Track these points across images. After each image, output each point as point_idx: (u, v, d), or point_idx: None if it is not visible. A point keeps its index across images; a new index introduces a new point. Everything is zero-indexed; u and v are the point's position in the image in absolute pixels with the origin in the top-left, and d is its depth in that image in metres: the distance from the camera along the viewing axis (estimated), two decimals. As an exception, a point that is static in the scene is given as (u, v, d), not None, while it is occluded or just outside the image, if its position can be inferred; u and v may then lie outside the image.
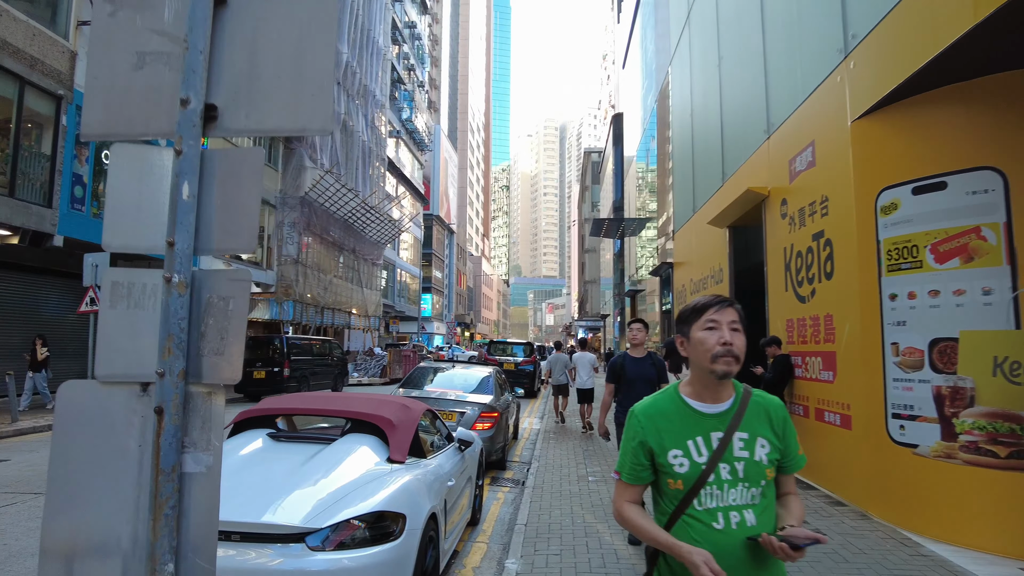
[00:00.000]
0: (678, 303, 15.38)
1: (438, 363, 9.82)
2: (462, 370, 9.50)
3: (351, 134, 29.32)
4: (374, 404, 4.38)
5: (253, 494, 3.17)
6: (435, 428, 5.12)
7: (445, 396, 8.36)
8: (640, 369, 5.78)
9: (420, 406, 4.75)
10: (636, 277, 25.00)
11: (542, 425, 12.93)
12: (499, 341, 22.40)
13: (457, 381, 9.12)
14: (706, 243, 12.52)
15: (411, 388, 8.84)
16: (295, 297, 23.68)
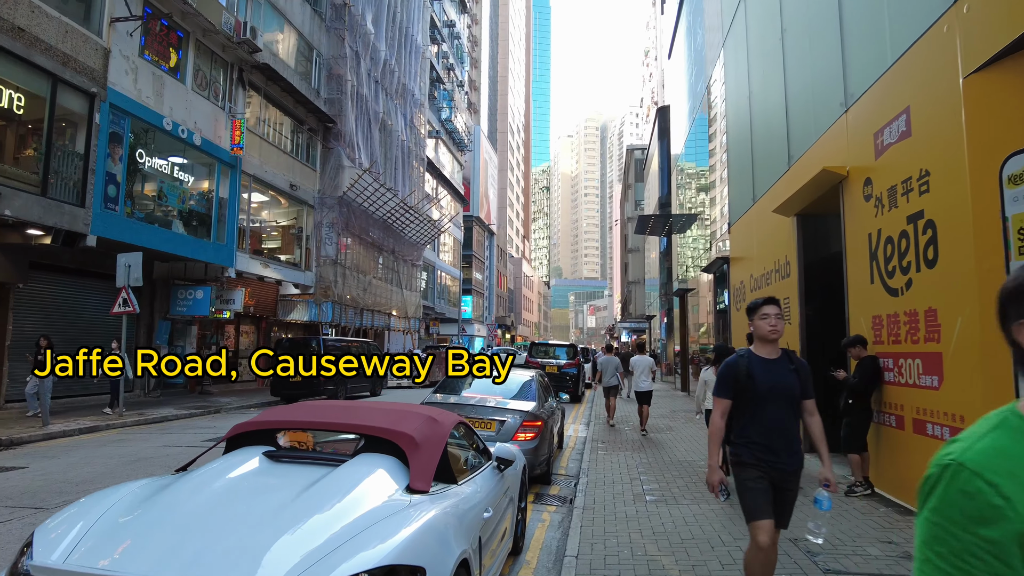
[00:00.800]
0: (735, 301, 14.29)
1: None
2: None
3: (390, 133, 28.93)
4: (395, 417, 3.61)
5: (224, 544, 2.42)
6: (470, 443, 4.33)
7: (484, 403, 7.57)
8: (776, 377, 3.63)
9: (451, 418, 3.96)
10: (685, 276, 23.83)
11: (589, 432, 12.05)
12: (541, 343, 21.57)
13: (496, 386, 8.32)
14: (768, 235, 11.45)
15: (447, 393, 8.09)
16: (334, 298, 23.31)
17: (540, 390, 8.35)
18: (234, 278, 18.88)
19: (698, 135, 20.09)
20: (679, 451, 9.81)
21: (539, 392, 8.19)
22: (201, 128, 17.12)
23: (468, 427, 4.32)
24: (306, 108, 22.80)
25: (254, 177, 19.84)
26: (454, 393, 8.12)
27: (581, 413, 16.38)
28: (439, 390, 8.23)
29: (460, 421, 4.12)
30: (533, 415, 7.41)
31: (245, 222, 19.83)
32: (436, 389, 8.28)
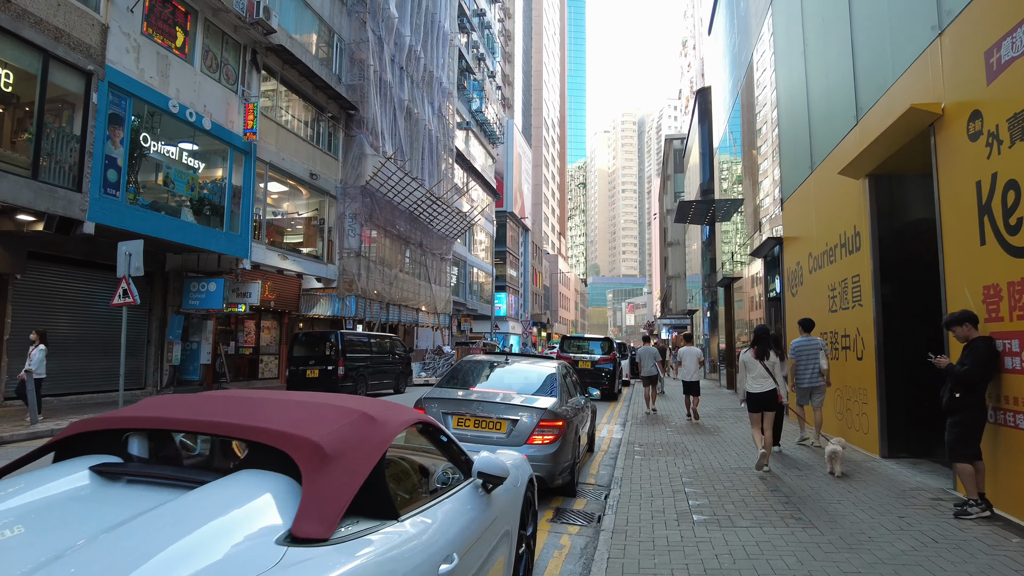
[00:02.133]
0: (790, 285, 12.69)
1: (492, 356, 7.76)
2: (521, 365, 7.39)
3: (416, 122, 27.90)
4: (305, 414, 2.35)
5: None
6: (440, 454, 3.05)
7: (490, 399, 6.29)
8: None
9: (402, 416, 2.67)
10: (731, 265, 22.13)
11: (625, 433, 10.65)
12: (574, 337, 20.15)
13: (511, 379, 7.04)
14: (831, 205, 9.87)
15: (452, 387, 6.84)
16: (357, 292, 22.34)
17: (564, 385, 7.02)
18: (249, 270, 18.02)
19: (745, 108, 18.41)
20: (729, 455, 8.36)
21: (562, 387, 6.87)
22: (212, 112, 16.27)
23: (435, 428, 3.02)
24: (326, 94, 21.89)
25: (270, 165, 18.96)
26: (461, 387, 6.85)
27: (617, 412, 14.96)
28: (444, 383, 6.98)
29: (419, 420, 2.82)
30: (553, 413, 6.10)
31: (261, 212, 18.97)
32: (440, 381, 7.03)
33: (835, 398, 9.71)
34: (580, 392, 8.65)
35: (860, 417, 8.56)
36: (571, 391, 7.63)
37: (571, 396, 7.51)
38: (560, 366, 7.35)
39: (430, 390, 6.71)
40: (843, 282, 9.24)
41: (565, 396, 6.80)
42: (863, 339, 8.45)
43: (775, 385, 7.17)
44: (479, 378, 7.14)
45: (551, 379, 6.87)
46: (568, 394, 7.18)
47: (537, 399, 6.38)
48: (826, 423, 10.03)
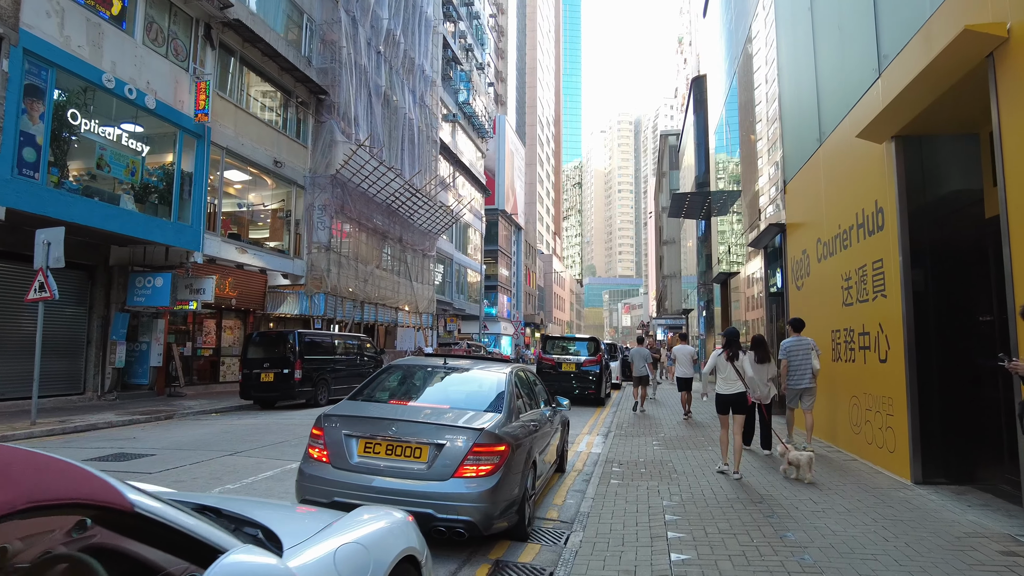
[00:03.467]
0: (794, 278, 11.21)
1: (428, 359, 6.22)
2: (463, 371, 5.87)
3: (395, 110, 26.39)
4: None
5: None
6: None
7: (411, 416, 4.80)
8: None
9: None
10: (729, 259, 20.66)
11: (606, 447, 9.15)
12: (557, 337, 18.61)
13: (448, 389, 5.56)
14: (846, 180, 8.40)
15: (368, 399, 5.34)
16: (327, 289, 20.81)
17: (515, 396, 5.50)
18: (202, 264, 16.50)
19: (742, 88, 16.93)
20: (725, 480, 6.85)
21: (512, 399, 5.35)
22: (156, 90, 14.74)
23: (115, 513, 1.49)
24: (293, 77, 20.37)
25: (227, 150, 17.43)
26: (380, 399, 5.35)
27: (602, 420, 13.46)
28: (360, 393, 5.46)
29: (31, 504, 1.29)
30: (493, 436, 4.61)
31: (217, 201, 17.43)
32: (356, 391, 5.50)
33: (849, 408, 8.23)
34: (547, 401, 7.16)
35: (884, 432, 7.08)
36: (530, 402, 6.14)
37: (530, 408, 6.02)
38: (514, 372, 5.84)
39: (339, 403, 5.20)
40: (861, 270, 7.76)
41: (515, 411, 5.29)
42: (887, 337, 6.97)
43: (745, 388, 7.14)
44: (407, 388, 5.63)
45: (498, 389, 5.36)
46: (523, 407, 5.69)
47: (475, 416, 4.88)
48: (839, 436, 8.56)
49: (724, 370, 7.21)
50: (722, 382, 7.25)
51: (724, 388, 7.23)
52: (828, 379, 9.20)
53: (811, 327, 10.02)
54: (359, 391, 5.46)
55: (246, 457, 8.28)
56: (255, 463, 7.81)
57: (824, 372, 9.32)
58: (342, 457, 4.65)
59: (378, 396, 5.41)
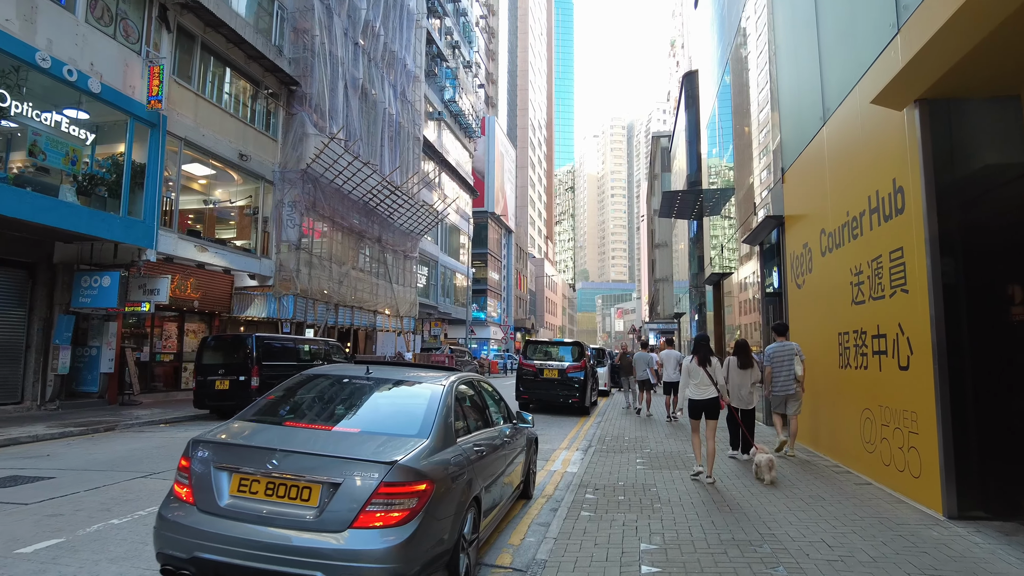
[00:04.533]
0: (794, 275, 10.12)
1: (349, 368, 4.99)
2: (390, 384, 4.67)
3: (374, 105, 25.24)
4: None
5: None
6: None
7: (302, 445, 3.66)
8: None
9: None
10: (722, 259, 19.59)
11: (583, 466, 8.02)
12: (539, 341, 17.45)
13: (364, 407, 4.42)
14: (857, 158, 7.31)
15: (258, 419, 4.17)
16: (295, 291, 19.60)
17: (452, 414, 4.34)
18: (156, 263, 15.29)
19: (735, 76, 15.89)
20: (720, 515, 5.72)
21: (445, 420, 4.19)
22: (102, 73, 13.57)
23: None
24: (262, 66, 19.21)
25: (186, 141, 16.24)
26: (275, 419, 4.19)
27: (584, 432, 12.32)
28: (250, 413, 4.29)
29: None
30: (409, 471, 3.47)
31: (174, 195, 16.24)
32: (245, 411, 4.31)
33: (861, 422, 7.12)
34: (508, 418, 6.03)
35: (906, 453, 5.97)
36: (478, 421, 5.01)
37: (479, 428, 4.89)
38: (454, 384, 4.67)
39: (221, 424, 4.05)
40: (875, 261, 6.67)
41: (450, 434, 4.15)
42: (909, 339, 5.88)
43: (717, 393, 7.13)
44: (315, 404, 4.47)
45: (428, 407, 4.20)
46: (467, 428, 4.55)
47: (390, 443, 3.74)
48: (848, 454, 7.47)
49: (696, 375, 7.20)
50: (694, 387, 7.22)
51: (696, 393, 7.20)
52: (834, 388, 8.11)
53: (814, 330, 8.93)
54: (251, 408, 4.30)
55: (160, 480, 7.10)
56: (164, 488, 6.63)
57: (830, 380, 8.23)
58: (209, 497, 3.50)
59: (274, 415, 4.24)
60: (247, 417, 4.17)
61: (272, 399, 4.43)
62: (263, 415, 4.22)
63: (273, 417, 4.20)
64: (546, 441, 10.85)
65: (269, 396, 4.46)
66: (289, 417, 4.21)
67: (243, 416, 4.19)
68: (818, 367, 8.81)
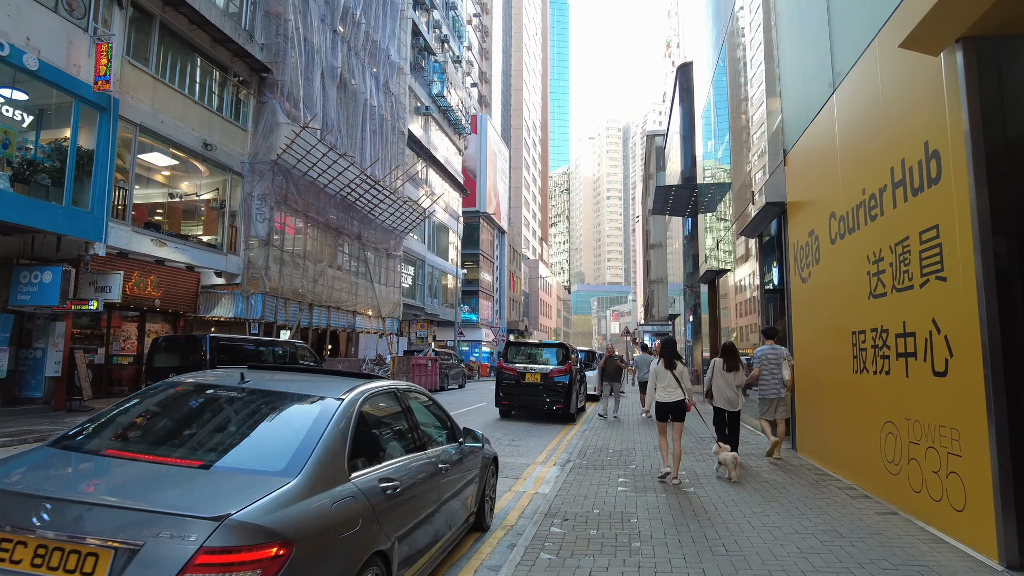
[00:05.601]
0: (798, 267, 9.00)
1: (223, 375, 3.79)
2: (266, 401, 3.46)
3: (353, 95, 24.09)
4: None
5: None
6: None
7: (85, 497, 2.50)
8: None
9: None
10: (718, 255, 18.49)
11: (556, 486, 6.87)
12: (521, 343, 16.26)
13: (218, 432, 3.23)
14: (875, 126, 6.19)
15: (71, 446, 3.01)
16: (264, 289, 18.42)
17: (347, 442, 3.17)
18: (105, 257, 14.10)
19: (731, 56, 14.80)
20: (708, 556, 4.57)
21: (328, 448, 3.01)
22: (41, 49, 12.40)
23: None
24: (229, 51, 18.05)
25: (142, 127, 15.07)
26: (86, 446, 3.02)
27: (565, 443, 11.17)
28: (78, 429, 3.14)
29: None
30: (250, 531, 2.31)
31: (128, 185, 15.06)
32: (60, 436, 3.13)
33: (882, 438, 6.00)
34: (452, 436, 4.89)
35: (944, 479, 4.84)
36: (401, 445, 3.88)
37: (403, 453, 3.75)
38: (357, 400, 3.48)
39: (15, 454, 2.89)
40: (900, 245, 5.55)
41: (337, 468, 2.98)
42: (947, 337, 4.76)
43: (684, 396, 7.17)
44: (154, 426, 3.30)
45: (309, 431, 3.04)
46: (376, 457, 3.41)
47: (235, 484, 2.59)
48: (865, 474, 6.35)
49: (664, 378, 7.23)
50: (662, 390, 7.25)
51: (664, 396, 7.23)
52: (847, 397, 6.98)
53: (821, 329, 7.81)
54: (77, 427, 3.15)
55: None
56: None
57: (842, 387, 7.12)
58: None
59: (98, 438, 3.08)
60: (59, 440, 3.01)
61: (109, 416, 3.26)
62: (84, 438, 3.06)
63: (95, 441, 3.04)
64: (520, 454, 9.71)
65: (104, 414, 3.30)
66: (115, 444, 3.05)
67: (57, 439, 3.04)
68: (827, 372, 7.70)
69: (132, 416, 3.32)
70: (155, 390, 3.57)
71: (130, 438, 3.12)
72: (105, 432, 3.14)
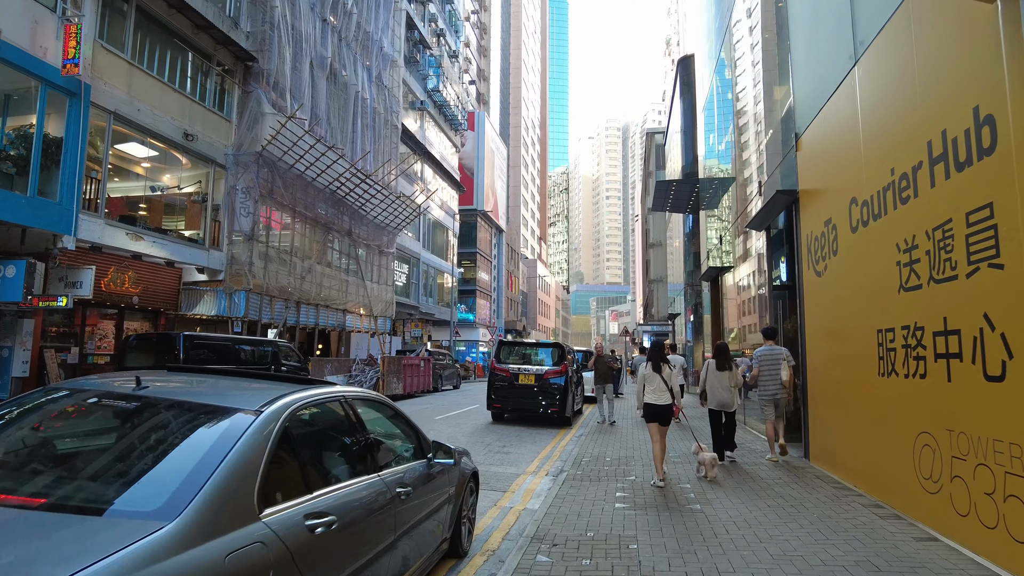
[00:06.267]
0: (811, 260, 8.27)
1: (117, 379, 3.06)
2: (162, 414, 2.70)
3: (344, 87, 23.36)
4: None
5: None
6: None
7: None
8: None
9: None
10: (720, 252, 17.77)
11: (546, 503, 6.15)
12: (514, 342, 15.45)
13: (89, 457, 2.49)
14: (905, 97, 5.46)
15: None
16: (248, 286, 17.68)
17: (261, 462, 2.44)
18: (73, 250, 13.35)
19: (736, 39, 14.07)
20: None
21: (230, 477, 2.27)
22: (2, 28, 11.65)
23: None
24: (212, 38, 17.31)
25: (116, 115, 14.32)
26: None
27: (560, 450, 10.42)
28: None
29: None
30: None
31: (101, 175, 14.31)
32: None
33: (917, 451, 5.27)
34: (419, 452, 4.15)
35: (1001, 504, 4.11)
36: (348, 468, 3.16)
37: (337, 483, 3.01)
38: (285, 409, 2.74)
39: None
40: (940, 229, 4.82)
41: (242, 504, 2.25)
42: (1005, 335, 4.03)
43: (671, 400, 7.16)
44: (15, 446, 2.56)
45: (206, 456, 2.31)
46: (298, 488, 2.67)
47: (85, 531, 1.86)
48: (894, 490, 5.62)
49: (652, 381, 7.23)
50: (651, 392, 7.25)
51: (653, 398, 7.21)
52: (872, 402, 6.25)
53: (839, 327, 7.09)
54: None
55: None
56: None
57: (865, 392, 6.39)
58: None
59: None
60: None
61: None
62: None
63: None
64: (511, 463, 8.97)
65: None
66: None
67: None
68: (846, 374, 6.98)
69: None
70: (21, 401, 2.83)
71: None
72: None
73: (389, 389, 19.76)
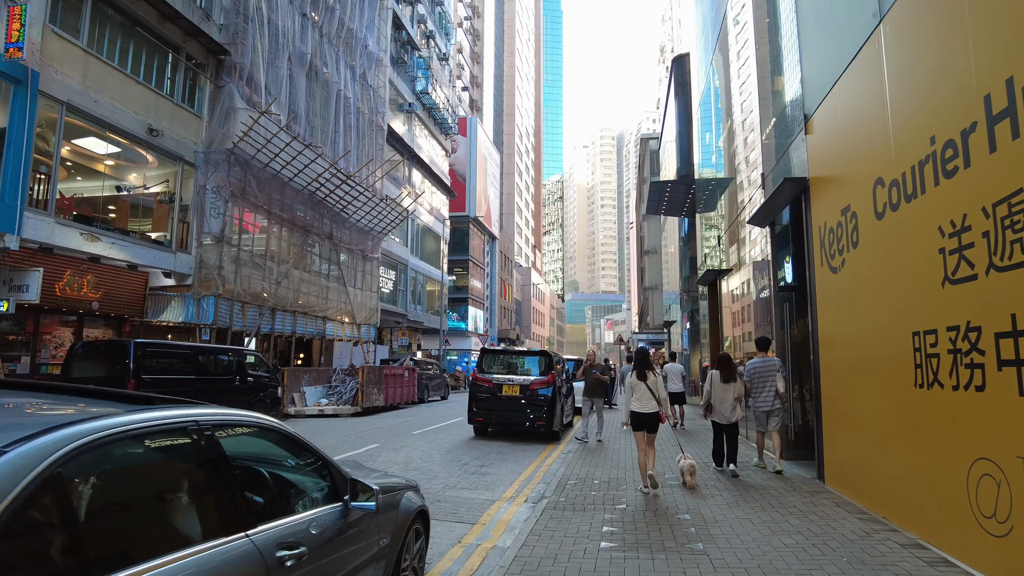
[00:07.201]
0: (825, 255, 7.28)
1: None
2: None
3: (325, 85, 22.40)
4: None
5: None
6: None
7: None
8: None
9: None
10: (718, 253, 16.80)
11: (520, 538, 5.13)
12: (498, 350, 14.39)
13: None
14: (952, 43, 4.50)
15: None
16: (218, 291, 16.63)
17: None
18: (17, 251, 12.30)
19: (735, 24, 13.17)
20: None
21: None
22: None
23: None
24: (180, 28, 16.35)
25: (70, 106, 13.32)
26: None
27: (544, 470, 9.37)
28: None
29: None
30: None
31: (53, 171, 13.28)
32: None
33: (974, 481, 4.26)
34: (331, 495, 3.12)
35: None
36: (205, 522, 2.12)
37: (193, 544, 1.99)
38: (63, 441, 1.76)
39: None
40: (1006, 203, 3.85)
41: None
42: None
43: (658, 408, 7.14)
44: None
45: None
46: (89, 564, 1.64)
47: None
48: (949, 529, 4.59)
49: (638, 390, 7.22)
50: (636, 401, 7.21)
51: (639, 407, 7.18)
52: (908, 419, 5.25)
53: (860, 330, 6.09)
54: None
55: None
56: None
57: (898, 407, 5.39)
58: None
59: None
60: None
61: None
62: None
63: None
64: (486, 486, 7.93)
65: None
66: None
67: None
68: (872, 385, 5.98)
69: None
70: None
71: None
72: None
73: (369, 401, 18.65)
